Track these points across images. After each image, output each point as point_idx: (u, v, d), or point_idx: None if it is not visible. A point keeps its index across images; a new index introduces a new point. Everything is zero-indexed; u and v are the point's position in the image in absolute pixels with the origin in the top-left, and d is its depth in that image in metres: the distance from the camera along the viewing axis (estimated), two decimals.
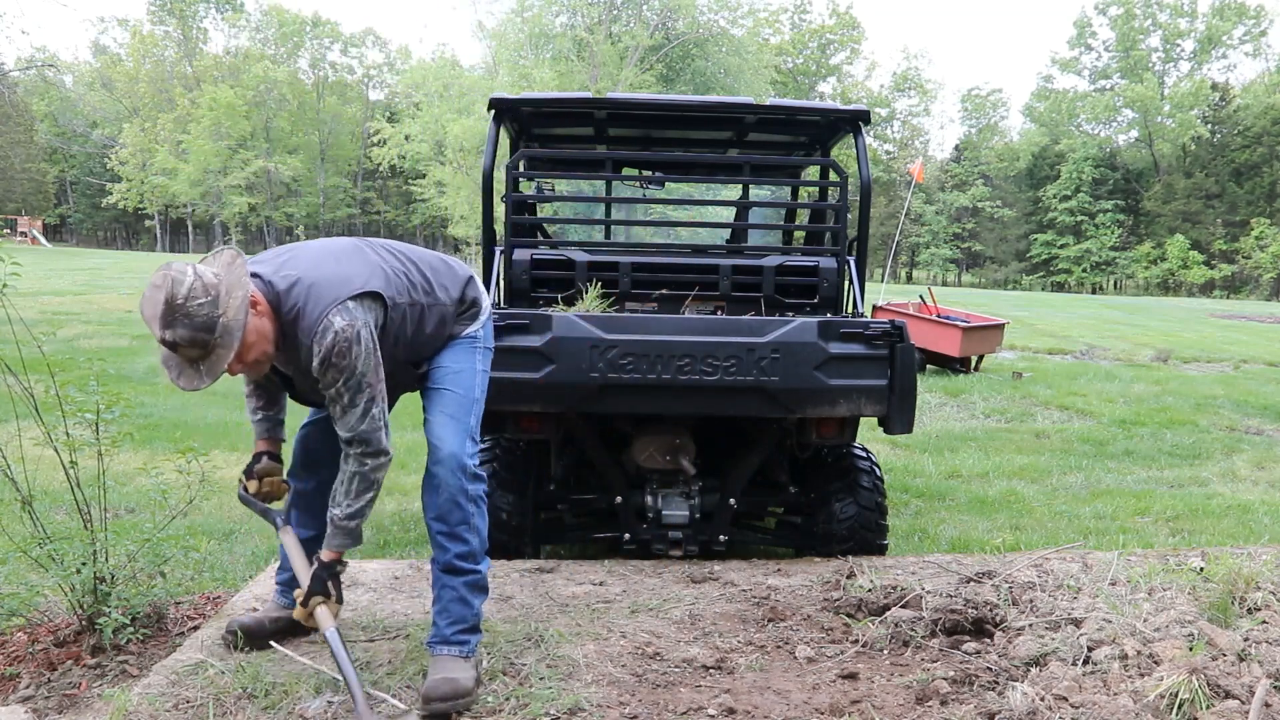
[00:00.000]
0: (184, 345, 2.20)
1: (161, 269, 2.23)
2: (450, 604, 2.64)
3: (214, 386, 2.19)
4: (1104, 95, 58.72)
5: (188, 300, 2.18)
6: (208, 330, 2.20)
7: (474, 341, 2.80)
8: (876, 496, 3.95)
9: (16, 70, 44.00)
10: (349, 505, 2.52)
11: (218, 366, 2.24)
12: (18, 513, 2.93)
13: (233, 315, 2.24)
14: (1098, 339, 16.01)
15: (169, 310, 2.17)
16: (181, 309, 2.18)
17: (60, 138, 58.56)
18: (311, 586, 2.53)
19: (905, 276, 62.46)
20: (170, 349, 2.21)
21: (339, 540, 2.54)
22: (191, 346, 2.20)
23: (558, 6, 36.30)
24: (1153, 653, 2.55)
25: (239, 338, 2.24)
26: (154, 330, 2.20)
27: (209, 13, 61.55)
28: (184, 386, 2.27)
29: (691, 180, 5.56)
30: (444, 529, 2.63)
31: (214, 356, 2.23)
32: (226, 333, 2.23)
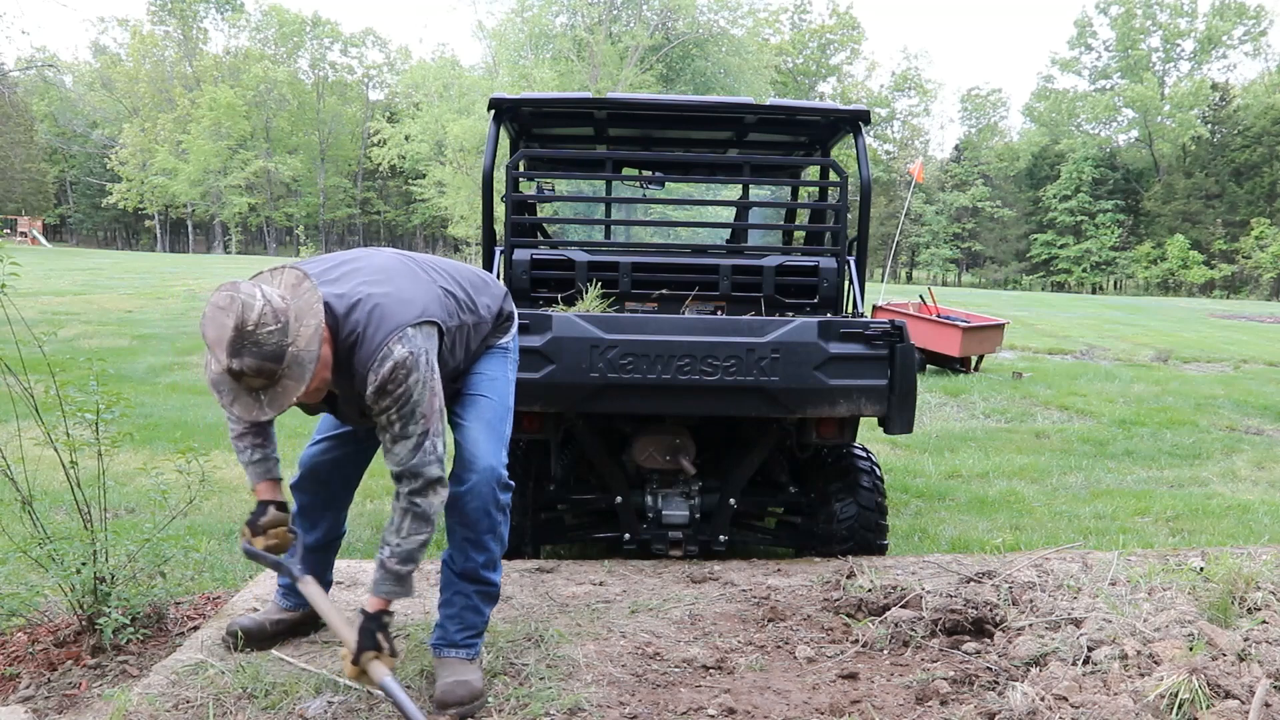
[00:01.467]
0: (250, 374, 2.06)
1: (226, 289, 2.08)
2: (463, 611, 2.61)
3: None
4: (1104, 95, 58.75)
5: (258, 327, 2.04)
6: (276, 360, 2.06)
7: (506, 351, 2.78)
8: (876, 496, 3.95)
9: (16, 70, 44.00)
10: (399, 545, 2.35)
11: (284, 400, 2.11)
12: (18, 513, 2.93)
13: (304, 345, 2.10)
14: (1098, 339, 16.01)
15: (238, 337, 2.03)
16: (251, 336, 2.03)
17: (60, 138, 58.58)
18: (362, 642, 2.32)
19: (905, 276, 62.48)
20: (235, 378, 2.08)
21: (387, 587, 2.37)
22: (257, 376, 2.07)
23: (558, 6, 36.29)
24: (1153, 653, 2.55)
25: (311, 370, 2.11)
26: (218, 356, 2.05)
27: (209, 13, 61.58)
28: (238, 415, 2.15)
29: (691, 180, 5.55)
30: (470, 535, 2.58)
31: (280, 388, 2.10)
32: (296, 363, 2.10)
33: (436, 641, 2.63)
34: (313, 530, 2.87)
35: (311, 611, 2.94)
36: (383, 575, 2.37)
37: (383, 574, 2.37)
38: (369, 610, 2.37)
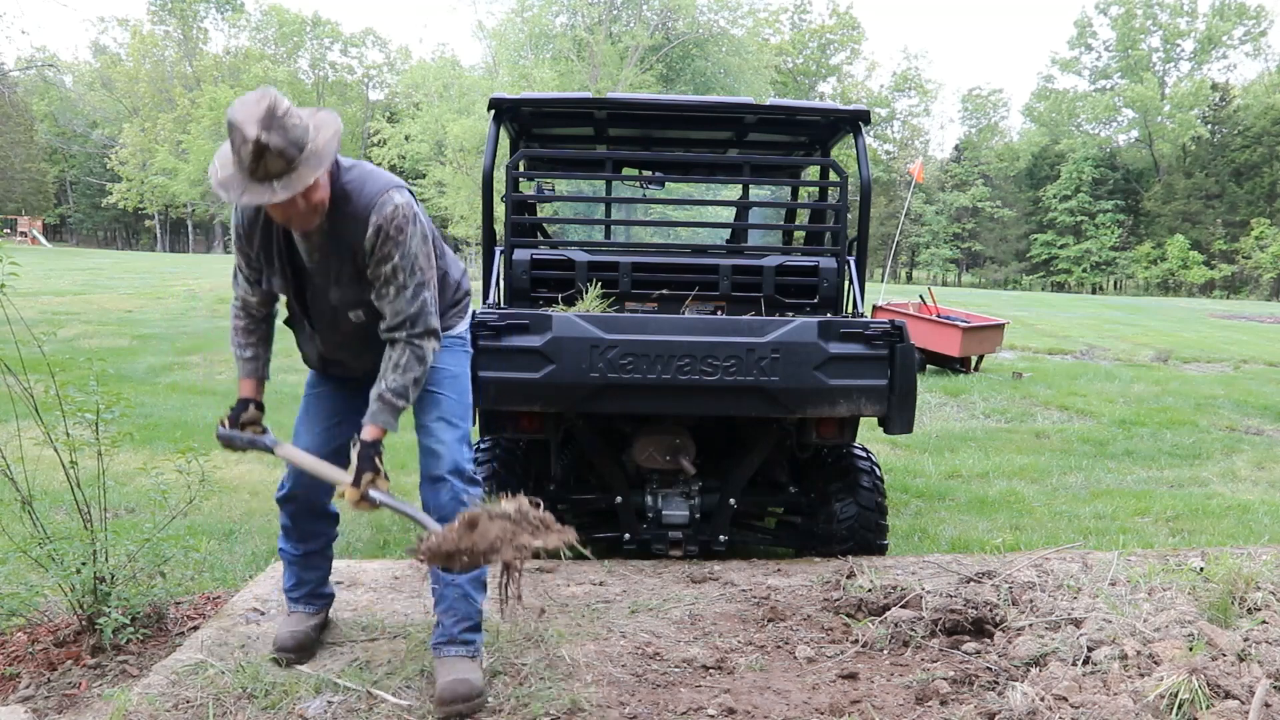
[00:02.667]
0: (272, 154, 2.17)
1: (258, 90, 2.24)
2: (456, 603, 2.64)
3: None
4: (1104, 95, 58.75)
5: (286, 115, 2.19)
6: (297, 147, 2.21)
7: (465, 344, 2.83)
8: (876, 496, 3.95)
9: (16, 70, 44.00)
10: (397, 380, 2.50)
11: (297, 184, 2.21)
12: (18, 513, 2.93)
13: (322, 145, 2.26)
14: (1098, 339, 16.02)
15: (269, 115, 2.16)
16: (279, 120, 2.18)
17: (60, 138, 58.56)
18: (362, 466, 2.46)
19: (905, 276, 62.47)
20: (256, 155, 2.17)
21: (384, 417, 2.50)
22: (279, 158, 2.18)
23: (558, 6, 36.27)
24: (1153, 653, 2.55)
25: (327, 165, 2.26)
26: (247, 131, 2.15)
27: (209, 13, 61.58)
28: (246, 201, 2.23)
29: (691, 180, 5.55)
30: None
31: (295, 174, 2.22)
32: (315, 155, 2.25)
33: (437, 641, 2.65)
34: (306, 540, 2.87)
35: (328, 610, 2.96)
36: (380, 407, 2.50)
37: (380, 406, 2.50)
38: (366, 439, 2.49)
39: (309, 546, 2.88)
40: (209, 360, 10.48)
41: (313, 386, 2.85)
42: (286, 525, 2.87)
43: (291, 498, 2.82)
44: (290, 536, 2.87)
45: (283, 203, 2.24)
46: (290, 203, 2.26)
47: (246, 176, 2.21)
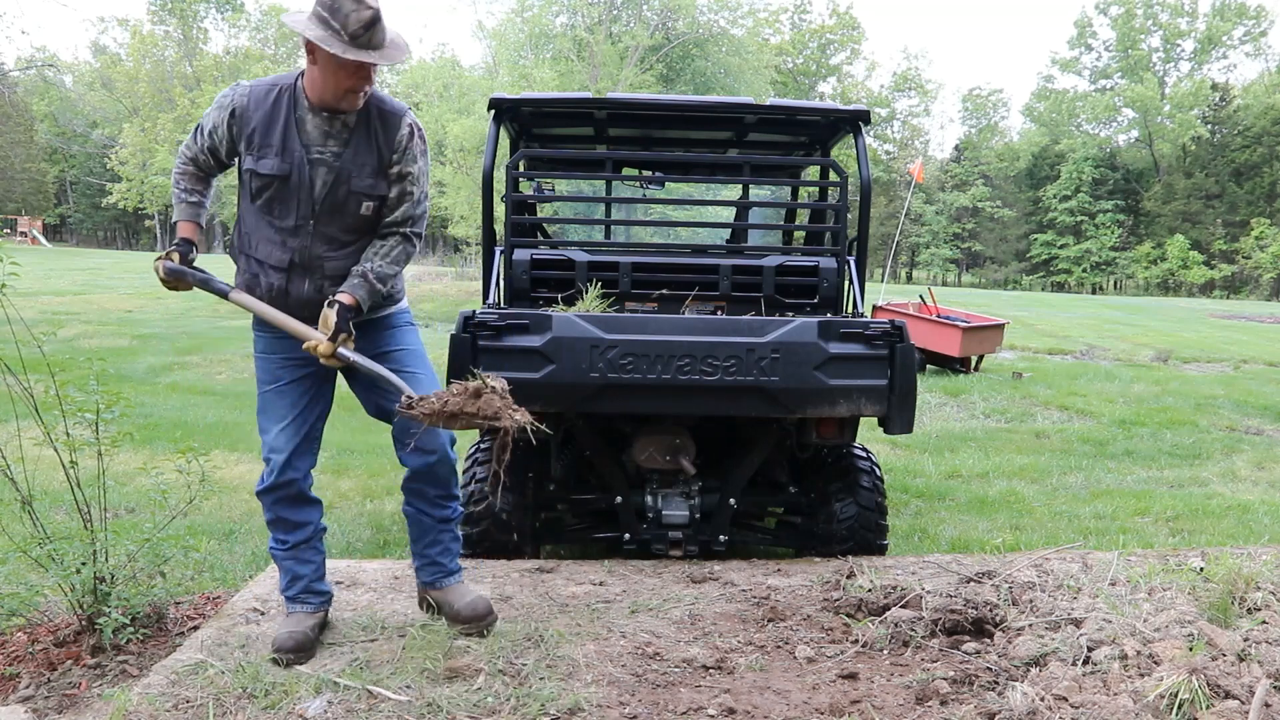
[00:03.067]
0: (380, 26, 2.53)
1: None
2: (450, 544, 3.03)
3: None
4: (1104, 95, 58.74)
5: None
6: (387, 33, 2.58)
7: (412, 322, 3.04)
8: (876, 496, 3.95)
9: (16, 70, 43.99)
10: (384, 266, 2.74)
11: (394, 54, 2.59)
12: (18, 513, 2.93)
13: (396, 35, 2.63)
14: (1098, 339, 16.02)
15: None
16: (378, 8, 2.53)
17: (60, 138, 58.55)
18: (339, 326, 2.63)
19: (905, 276, 62.46)
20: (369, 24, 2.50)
21: (364, 292, 2.69)
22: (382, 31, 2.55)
23: (558, 6, 36.26)
24: (1153, 653, 2.55)
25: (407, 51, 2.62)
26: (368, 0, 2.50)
27: (209, 13, 61.56)
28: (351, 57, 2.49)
29: (691, 180, 5.55)
30: (443, 492, 2.97)
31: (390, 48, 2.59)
32: (397, 44, 2.63)
33: (434, 577, 3.02)
34: (292, 531, 2.89)
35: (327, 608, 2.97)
36: (361, 283, 2.70)
37: (361, 281, 2.70)
38: (344, 303, 2.66)
39: (296, 537, 2.89)
40: (209, 360, 10.48)
41: (268, 383, 2.86)
42: (271, 519, 2.89)
43: (273, 487, 2.84)
44: (278, 530, 2.89)
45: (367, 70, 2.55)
46: (369, 74, 2.57)
47: (348, 40, 2.49)
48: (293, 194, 2.68)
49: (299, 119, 2.65)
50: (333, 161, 2.67)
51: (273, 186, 2.67)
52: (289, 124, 2.64)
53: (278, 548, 2.91)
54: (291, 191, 2.68)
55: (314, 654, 2.79)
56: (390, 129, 2.71)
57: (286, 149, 2.64)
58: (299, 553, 2.91)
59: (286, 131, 2.64)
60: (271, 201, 2.69)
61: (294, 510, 2.89)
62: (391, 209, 2.76)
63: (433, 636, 2.92)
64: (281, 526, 2.89)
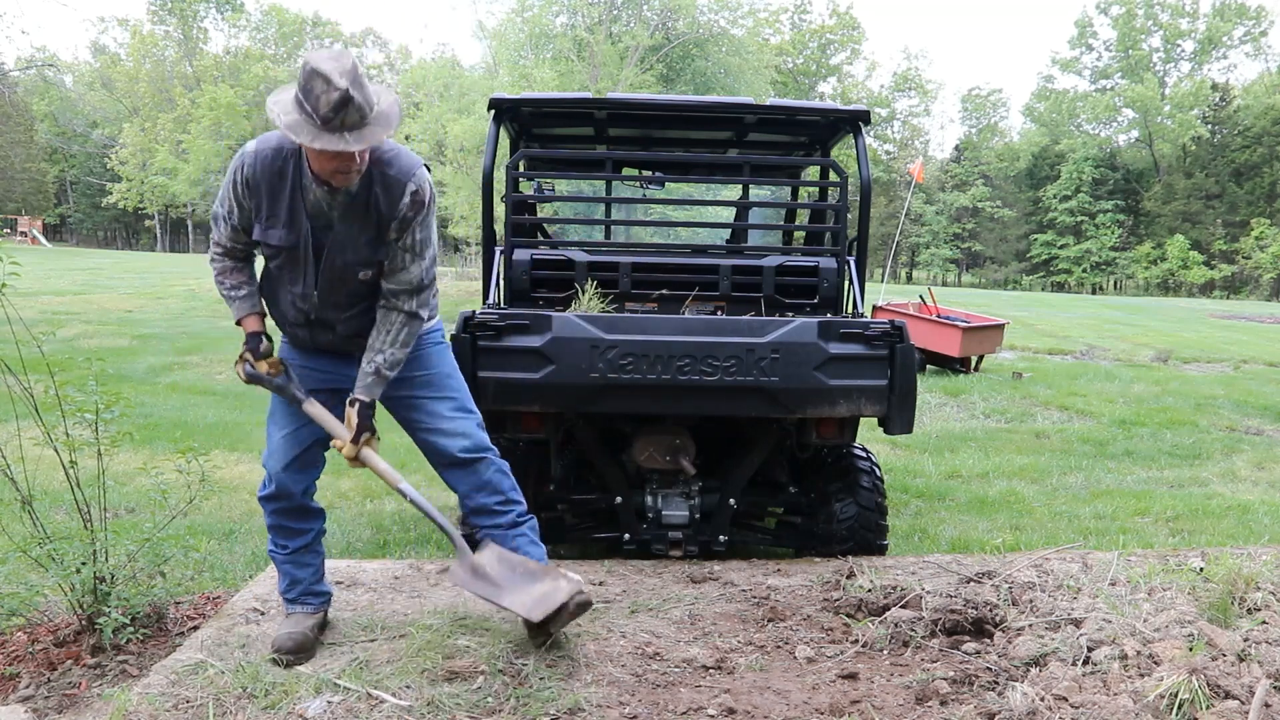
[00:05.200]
0: (354, 106, 2.32)
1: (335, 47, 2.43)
2: (528, 548, 2.96)
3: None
4: (1104, 95, 58.74)
5: (363, 75, 2.38)
6: (369, 105, 2.38)
7: (442, 340, 2.99)
8: (876, 496, 3.95)
9: (16, 70, 43.99)
10: (393, 354, 2.68)
11: (370, 138, 2.39)
12: (18, 513, 2.93)
13: (387, 108, 2.46)
14: (1098, 339, 16.02)
15: (355, 70, 2.35)
16: (360, 77, 2.36)
17: (60, 138, 58.55)
18: (361, 425, 2.67)
19: (905, 276, 62.47)
20: (340, 105, 2.31)
21: (377, 389, 2.71)
22: (357, 111, 2.34)
23: (558, 6, 36.25)
24: (1153, 653, 2.55)
25: (394, 127, 2.44)
26: (335, 80, 2.30)
27: (209, 12, 61.55)
28: (319, 147, 2.34)
29: (691, 180, 5.55)
30: (499, 499, 2.93)
31: (368, 129, 2.39)
32: (383, 116, 2.44)
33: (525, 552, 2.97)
34: (293, 537, 2.90)
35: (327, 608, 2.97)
36: (375, 380, 2.70)
37: (375, 378, 2.70)
38: (364, 400, 2.69)
39: (297, 543, 2.90)
40: (209, 360, 10.48)
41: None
42: (272, 524, 2.90)
43: (274, 496, 2.84)
44: (278, 535, 2.90)
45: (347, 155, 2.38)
46: (351, 156, 2.40)
47: (320, 125, 2.34)
48: (299, 263, 2.64)
49: (304, 188, 2.55)
50: (331, 233, 2.60)
51: (281, 255, 2.64)
52: (295, 194, 2.55)
53: (277, 551, 2.92)
54: (298, 261, 2.64)
55: (314, 654, 2.79)
56: (392, 198, 2.56)
57: (293, 221, 2.57)
58: (298, 557, 2.91)
59: (293, 202, 2.56)
60: (282, 268, 2.68)
61: (294, 519, 2.89)
62: (390, 275, 2.64)
63: (433, 636, 2.92)
64: (281, 532, 2.90)
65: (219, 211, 2.66)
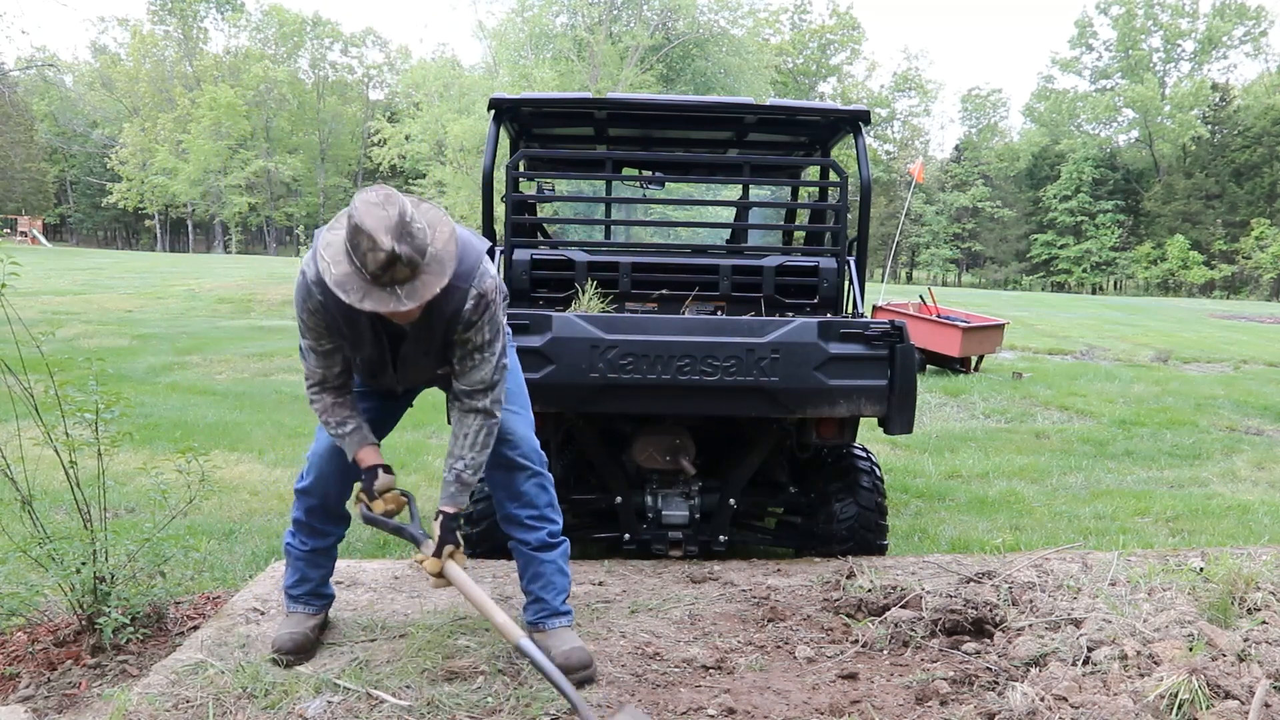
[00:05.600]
0: (402, 263, 2.18)
1: (372, 190, 2.23)
2: (554, 577, 2.83)
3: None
4: (1104, 95, 58.77)
5: (412, 221, 2.20)
6: (420, 252, 2.22)
7: (510, 335, 2.89)
8: (876, 496, 3.95)
9: (16, 70, 44.00)
10: (475, 458, 2.59)
11: (423, 293, 2.24)
12: (18, 513, 2.93)
13: (441, 246, 2.29)
14: (1098, 339, 16.02)
15: (401, 223, 2.17)
16: (408, 226, 2.19)
17: (60, 138, 58.58)
18: (443, 538, 2.54)
19: (905, 276, 62.49)
20: (387, 263, 2.17)
21: (463, 498, 2.61)
22: (406, 266, 2.20)
23: (558, 6, 36.27)
24: (1153, 653, 2.55)
25: (450, 270, 2.28)
26: (380, 240, 2.15)
27: (209, 12, 61.60)
28: (369, 307, 2.22)
29: (691, 180, 5.55)
30: (534, 513, 2.81)
31: (419, 281, 2.24)
32: (436, 261, 2.27)
33: (538, 616, 2.82)
34: (316, 537, 2.87)
35: (328, 608, 2.96)
36: (458, 488, 2.60)
37: (458, 486, 2.59)
38: (449, 512, 2.57)
39: (318, 543, 2.88)
40: (209, 360, 10.49)
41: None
42: (299, 519, 2.85)
43: (311, 491, 2.81)
44: (301, 531, 2.87)
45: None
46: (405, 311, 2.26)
47: (369, 281, 2.21)
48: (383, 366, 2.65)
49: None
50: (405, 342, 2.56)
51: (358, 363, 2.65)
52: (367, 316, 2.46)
53: (296, 548, 2.88)
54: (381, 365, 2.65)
55: (314, 654, 2.79)
56: (455, 305, 2.46)
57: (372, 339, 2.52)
58: (315, 557, 2.90)
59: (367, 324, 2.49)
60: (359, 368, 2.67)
61: (323, 520, 2.86)
62: (461, 375, 2.56)
63: (433, 636, 2.92)
64: (306, 530, 2.86)
65: (303, 344, 2.57)
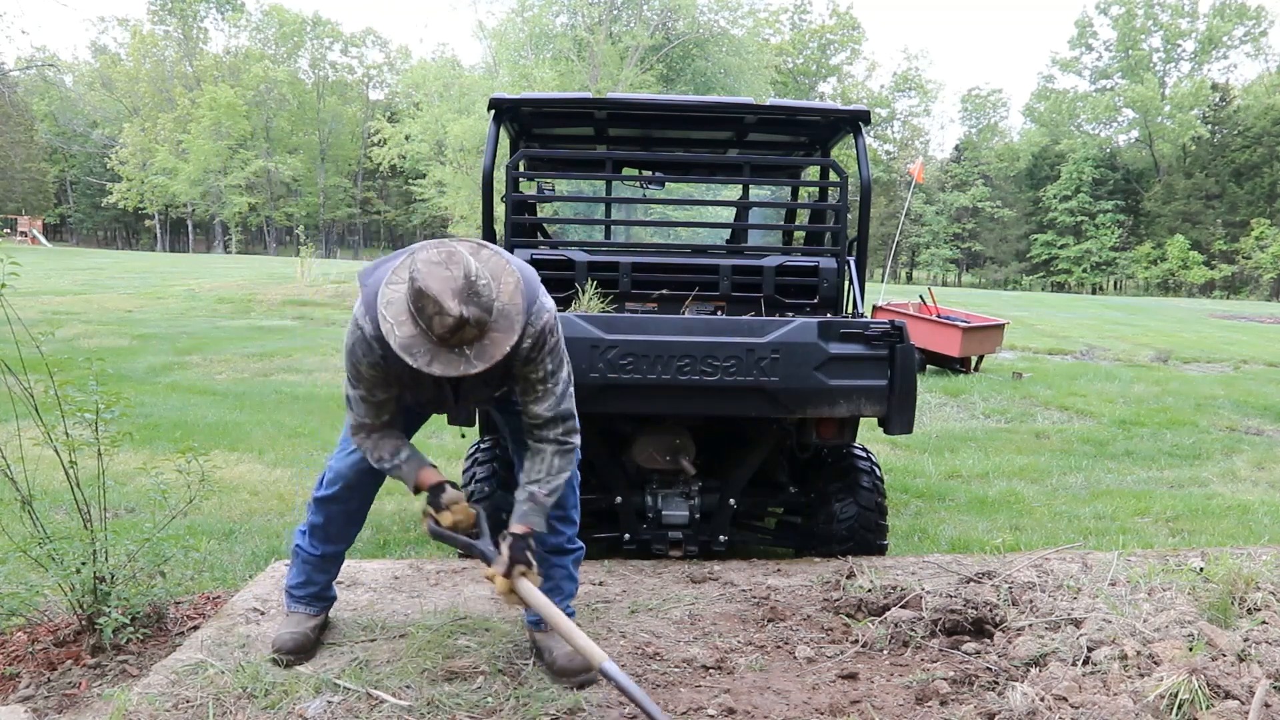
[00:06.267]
0: (470, 326, 2.13)
1: (434, 247, 2.17)
2: (562, 582, 2.82)
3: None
4: (1104, 95, 58.79)
5: (477, 279, 2.14)
6: (488, 311, 2.17)
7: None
8: (876, 496, 3.95)
9: (16, 70, 43.99)
10: (550, 482, 2.54)
11: (493, 352, 2.19)
12: (18, 512, 2.93)
13: (507, 300, 2.23)
14: (1098, 339, 16.01)
15: (467, 285, 2.11)
16: (473, 286, 2.13)
17: (60, 138, 58.61)
18: (514, 556, 2.44)
19: (905, 276, 62.50)
20: (455, 328, 2.12)
21: (537, 517, 2.54)
22: (474, 327, 2.14)
23: (558, 6, 36.27)
24: (1153, 653, 2.55)
25: (520, 324, 2.23)
26: (447, 305, 2.09)
27: (209, 12, 61.64)
28: (438, 372, 2.17)
29: (691, 180, 5.55)
30: (559, 514, 2.77)
31: (488, 340, 2.19)
32: (504, 316, 2.22)
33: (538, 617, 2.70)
34: (331, 543, 2.87)
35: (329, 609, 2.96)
36: (533, 507, 2.52)
37: (533, 506, 2.52)
38: (518, 532, 2.48)
39: (330, 549, 2.88)
40: (209, 360, 10.48)
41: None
42: (316, 524, 2.84)
43: (337, 498, 2.78)
44: (315, 536, 2.85)
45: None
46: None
47: (436, 343, 2.16)
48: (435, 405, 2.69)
49: None
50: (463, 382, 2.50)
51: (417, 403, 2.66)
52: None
53: (307, 550, 2.87)
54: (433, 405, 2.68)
55: (314, 654, 2.79)
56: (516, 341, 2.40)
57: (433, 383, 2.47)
58: (324, 562, 2.89)
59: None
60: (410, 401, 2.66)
61: (344, 524, 2.85)
62: (528, 407, 2.52)
63: (433, 636, 2.92)
64: (321, 535, 2.85)
65: (352, 394, 2.49)
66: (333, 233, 67.77)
